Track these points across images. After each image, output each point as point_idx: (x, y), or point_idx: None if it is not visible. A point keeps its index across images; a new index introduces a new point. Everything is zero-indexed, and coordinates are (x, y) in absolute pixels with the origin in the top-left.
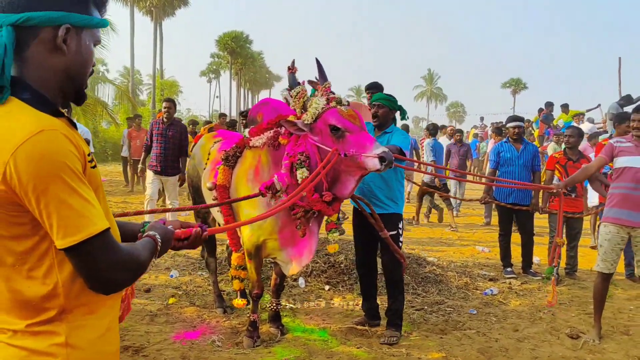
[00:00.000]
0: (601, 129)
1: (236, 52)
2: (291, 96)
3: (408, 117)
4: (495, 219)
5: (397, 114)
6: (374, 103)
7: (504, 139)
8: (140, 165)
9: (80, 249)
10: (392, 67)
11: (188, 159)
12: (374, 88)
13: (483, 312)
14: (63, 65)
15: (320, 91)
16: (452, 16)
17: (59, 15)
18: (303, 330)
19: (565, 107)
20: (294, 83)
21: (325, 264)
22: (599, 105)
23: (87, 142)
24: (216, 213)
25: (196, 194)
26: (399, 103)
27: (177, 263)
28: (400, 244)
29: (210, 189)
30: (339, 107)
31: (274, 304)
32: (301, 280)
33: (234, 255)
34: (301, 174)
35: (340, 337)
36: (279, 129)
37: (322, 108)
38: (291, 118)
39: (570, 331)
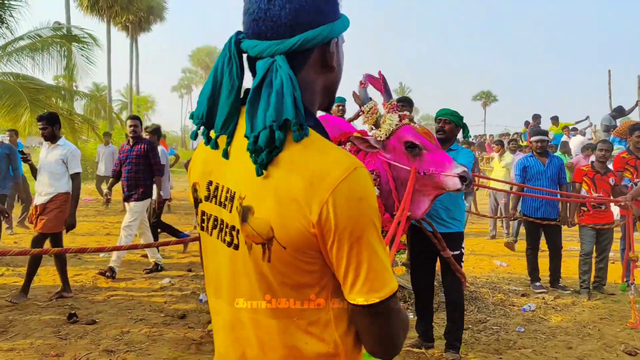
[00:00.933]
0: (592, 140)
1: (210, 67)
2: (363, 112)
3: (471, 136)
4: (499, 228)
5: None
6: (440, 118)
7: (529, 154)
8: (105, 191)
9: (379, 307)
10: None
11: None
12: (405, 101)
13: (530, 330)
14: (329, 82)
15: (387, 108)
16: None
17: (329, 28)
18: None
19: (555, 120)
20: (365, 98)
21: None
22: (588, 117)
23: None
24: None
25: None
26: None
27: (200, 286)
28: (462, 263)
29: None
30: (412, 124)
31: None
32: None
33: None
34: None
35: None
36: (343, 147)
37: (397, 125)
38: (356, 135)
39: (625, 347)
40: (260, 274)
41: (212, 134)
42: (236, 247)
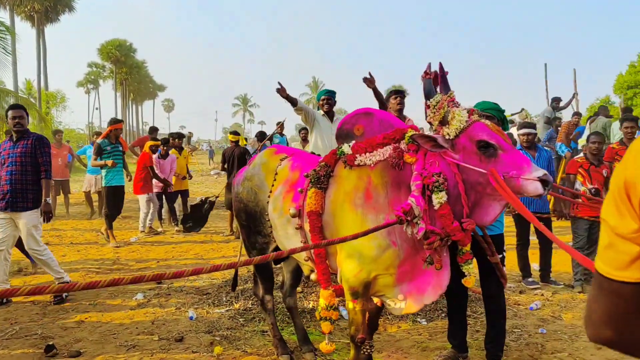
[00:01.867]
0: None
1: (120, 61)
2: (429, 106)
3: (509, 129)
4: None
5: None
6: (482, 113)
7: (517, 147)
8: None
9: None
10: (279, 75)
11: (181, 178)
12: (401, 93)
13: (550, 330)
14: None
15: (445, 101)
16: (337, 23)
17: None
18: None
19: None
20: (430, 90)
21: None
22: (523, 109)
23: None
24: (294, 244)
25: (252, 222)
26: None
27: (184, 301)
28: (504, 267)
29: (294, 216)
30: (482, 120)
31: (367, 347)
32: None
33: (325, 294)
34: (439, 198)
35: None
36: (398, 145)
37: (467, 121)
38: (409, 133)
39: None
40: None
41: None
42: None
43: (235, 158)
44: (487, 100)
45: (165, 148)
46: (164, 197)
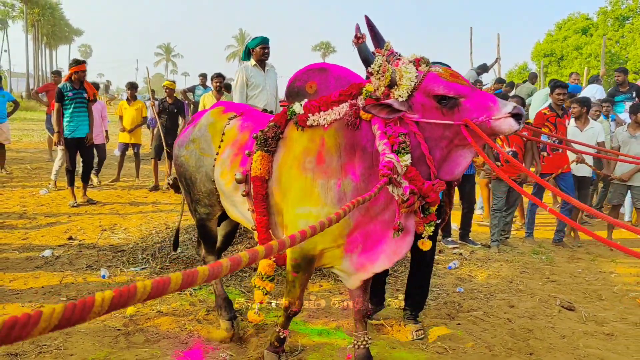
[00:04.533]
0: None
1: (32, 1)
2: (371, 73)
3: None
4: None
5: None
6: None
7: None
8: None
9: None
10: (204, 25)
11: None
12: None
13: (467, 289)
14: None
15: (384, 54)
16: None
17: None
18: (319, 332)
19: None
20: (368, 55)
21: None
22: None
23: None
24: (241, 211)
25: (194, 188)
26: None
27: (96, 259)
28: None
29: (240, 182)
30: (432, 69)
31: (358, 339)
32: None
33: (263, 263)
34: (405, 160)
35: None
36: (355, 101)
37: (417, 77)
38: (368, 88)
39: (560, 302)
40: None
41: None
42: None
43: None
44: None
45: (95, 92)
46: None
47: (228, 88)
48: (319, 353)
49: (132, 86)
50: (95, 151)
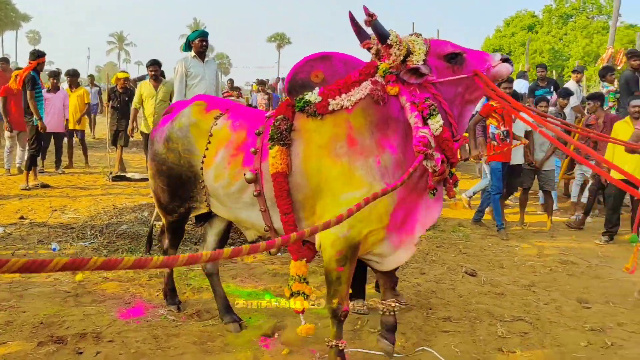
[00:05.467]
0: None
1: None
2: (390, 45)
3: None
4: None
5: None
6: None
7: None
8: None
9: None
10: (157, 13)
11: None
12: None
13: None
14: None
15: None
16: None
17: None
18: (248, 294)
19: None
20: (384, 31)
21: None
22: None
23: None
24: (248, 214)
25: (179, 188)
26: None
27: (47, 234)
28: None
29: (251, 181)
30: (428, 38)
31: (388, 307)
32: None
33: (296, 265)
34: (437, 122)
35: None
36: (377, 79)
37: (424, 43)
38: (384, 66)
39: (465, 269)
40: None
41: None
42: None
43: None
44: None
45: (54, 80)
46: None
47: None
48: (247, 309)
49: (72, 74)
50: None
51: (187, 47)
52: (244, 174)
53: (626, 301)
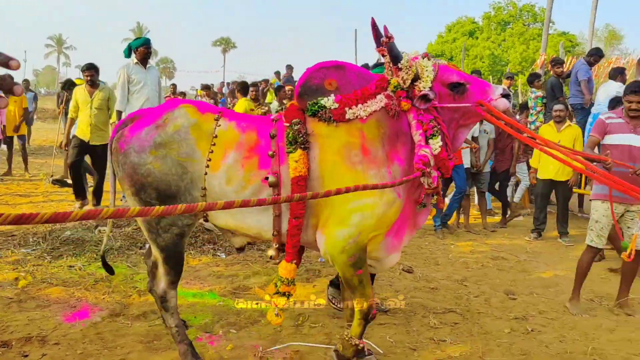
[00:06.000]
0: None
1: None
2: (400, 68)
3: None
4: None
5: None
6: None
7: None
8: None
9: None
10: (98, 15)
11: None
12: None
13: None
14: None
15: (410, 58)
16: None
17: None
18: (193, 295)
19: None
20: (398, 53)
21: None
22: None
23: None
24: (258, 219)
25: (172, 201)
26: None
27: None
28: None
29: (274, 185)
30: (440, 62)
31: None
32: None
33: (288, 267)
34: (437, 142)
35: (230, 297)
36: (389, 93)
37: (433, 69)
38: (395, 81)
39: (402, 267)
40: None
41: None
42: None
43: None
44: None
45: None
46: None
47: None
48: (193, 308)
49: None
50: None
51: (129, 53)
52: (267, 177)
53: (548, 291)
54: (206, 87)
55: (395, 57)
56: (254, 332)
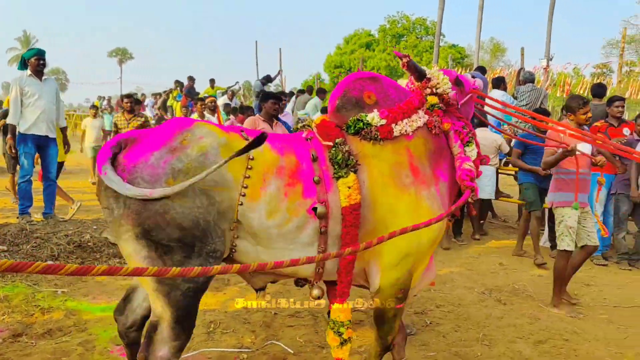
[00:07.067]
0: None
1: None
2: (429, 79)
3: None
4: None
5: None
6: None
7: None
8: None
9: None
10: None
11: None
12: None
13: None
14: None
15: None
16: None
17: None
18: (102, 309)
19: (212, 82)
20: (421, 69)
21: (70, 244)
22: (237, 82)
23: None
24: (305, 251)
25: (199, 240)
26: None
27: None
28: None
29: (322, 216)
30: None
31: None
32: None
33: (345, 308)
34: (472, 150)
35: None
36: (429, 110)
37: (444, 74)
38: (431, 99)
39: None
40: None
41: None
42: None
43: None
44: None
45: None
46: None
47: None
48: (102, 322)
49: None
50: None
51: (23, 65)
52: (315, 208)
53: (444, 287)
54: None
55: (421, 73)
56: None
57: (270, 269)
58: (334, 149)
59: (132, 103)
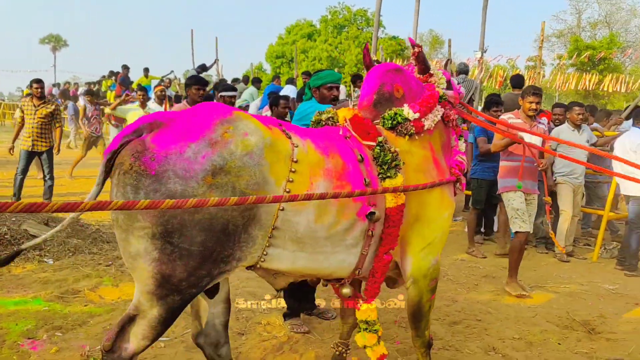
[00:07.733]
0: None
1: None
2: (432, 75)
3: None
4: None
5: None
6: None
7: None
8: None
9: None
10: None
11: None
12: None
13: None
14: None
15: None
16: None
17: None
18: (15, 303)
19: (146, 71)
20: (427, 63)
21: None
22: (172, 71)
23: None
24: (343, 258)
25: (224, 244)
26: None
27: None
28: None
29: (377, 220)
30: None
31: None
32: None
33: (372, 308)
34: (463, 144)
35: (58, 301)
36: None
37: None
38: (441, 92)
39: None
40: None
41: None
42: None
43: None
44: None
45: None
46: None
47: None
48: (14, 316)
49: None
50: None
51: None
52: (372, 213)
53: None
54: (89, 92)
55: (427, 67)
56: (82, 333)
57: (329, 197)
58: (378, 148)
59: (42, 89)
